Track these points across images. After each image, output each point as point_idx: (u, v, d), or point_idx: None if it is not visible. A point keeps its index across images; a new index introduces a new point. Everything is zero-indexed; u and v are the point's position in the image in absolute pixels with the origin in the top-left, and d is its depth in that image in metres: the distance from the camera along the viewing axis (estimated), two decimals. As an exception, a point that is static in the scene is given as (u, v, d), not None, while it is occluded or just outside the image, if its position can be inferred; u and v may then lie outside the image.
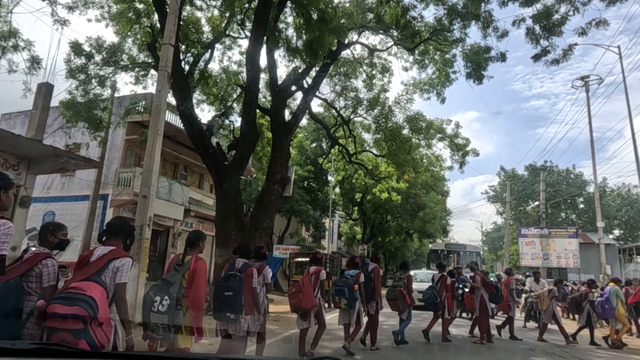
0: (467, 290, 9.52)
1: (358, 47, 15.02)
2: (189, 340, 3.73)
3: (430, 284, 9.26)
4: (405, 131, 16.36)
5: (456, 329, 9.89)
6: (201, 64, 12.94)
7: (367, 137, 19.06)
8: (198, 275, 3.70)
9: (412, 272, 11.47)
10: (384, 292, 8.07)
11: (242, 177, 18.46)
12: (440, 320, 8.74)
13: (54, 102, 12.95)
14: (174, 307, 3.47)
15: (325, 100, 15.75)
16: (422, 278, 15.40)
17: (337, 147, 17.87)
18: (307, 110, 14.55)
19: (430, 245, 35.43)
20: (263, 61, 12.06)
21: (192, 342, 3.85)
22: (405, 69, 15.71)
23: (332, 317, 8.24)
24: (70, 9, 11.09)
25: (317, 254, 6.85)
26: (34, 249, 3.19)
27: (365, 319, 7.29)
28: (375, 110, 16.06)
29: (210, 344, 5.90)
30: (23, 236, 10.29)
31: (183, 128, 12.08)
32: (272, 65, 12.10)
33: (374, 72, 15.69)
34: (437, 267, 9.82)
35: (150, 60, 12.42)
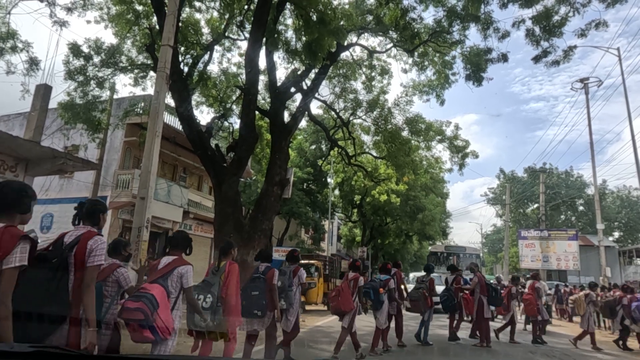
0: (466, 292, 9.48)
1: (357, 48, 15.01)
2: (227, 335, 4.41)
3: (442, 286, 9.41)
4: (405, 133, 16.33)
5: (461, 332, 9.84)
6: (200, 65, 12.92)
7: (367, 139, 19.05)
8: (231, 276, 4.54)
9: (412, 275, 11.50)
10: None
11: (241, 179, 18.41)
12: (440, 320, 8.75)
13: (53, 104, 12.91)
14: (215, 304, 4.19)
15: (324, 102, 15.72)
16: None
17: (336, 149, 17.84)
18: (307, 112, 14.51)
19: (429, 248, 35.41)
20: (262, 63, 12.04)
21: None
22: (405, 71, 15.70)
23: (330, 320, 8.18)
24: (69, 10, 11.06)
25: (356, 261, 7.34)
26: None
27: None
28: (375, 112, 16.03)
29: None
30: (20, 238, 10.24)
31: (182, 130, 12.04)
32: (271, 67, 12.07)
33: (373, 73, 15.67)
34: (450, 268, 10.04)
35: (149, 62, 12.39)
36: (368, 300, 7.18)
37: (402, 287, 8.29)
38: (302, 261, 16.08)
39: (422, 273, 9.47)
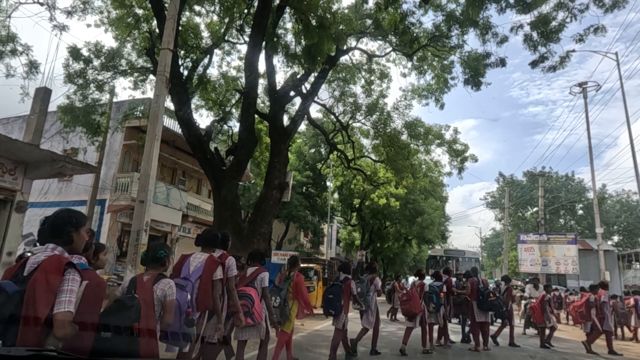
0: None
1: (357, 52, 15.08)
2: (290, 326, 5.81)
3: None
4: (404, 137, 16.36)
5: (455, 336, 9.81)
6: (200, 69, 12.95)
7: (366, 142, 19.09)
8: (300, 285, 5.76)
9: (410, 279, 11.58)
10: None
11: (240, 183, 18.41)
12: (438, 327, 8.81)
13: (52, 107, 12.91)
14: (282, 304, 5.59)
15: (323, 105, 15.76)
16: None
17: (335, 152, 17.86)
18: (306, 116, 14.54)
19: (429, 252, 35.39)
20: (262, 67, 12.08)
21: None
22: (404, 75, 15.76)
23: (329, 324, 8.16)
24: (69, 13, 11.09)
25: (421, 270, 8.75)
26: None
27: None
28: (374, 116, 16.07)
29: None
30: (19, 241, 10.20)
31: (181, 133, 12.06)
32: (270, 71, 12.10)
33: (372, 77, 15.73)
34: (504, 279, 10.80)
35: (148, 65, 12.42)
36: (431, 303, 8.22)
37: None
38: (302, 265, 16.13)
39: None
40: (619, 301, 13.25)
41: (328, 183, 28.32)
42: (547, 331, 9.91)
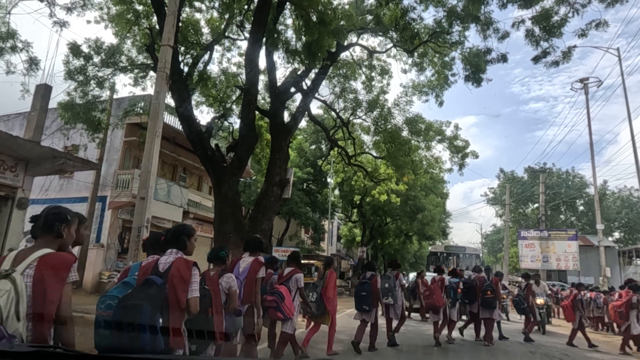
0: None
1: (357, 48, 15.02)
2: (328, 319, 6.60)
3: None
4: (405, 133, 16.34)
5: (456, 332, 9.84)
6: (200, 65, 12.91)
7: (367, 139, 19.05)
8: (331, 283, 6.71)
9: (411, 275, 11.66)
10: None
11: (241, 179, 18.40)
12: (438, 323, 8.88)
13: (53, 104, 12.91)
14: (319, 299, 6.49)
15: (324, 102, 15.73)
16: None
17: (336, 149, 17.84)
18: (306, 112, 14.51)
19: (429, 248, 35.38)
20: (262, 63, 12.04)
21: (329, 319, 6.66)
22: (405, 71, 15.69)
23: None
24: (69, 10, 11.04)
25: (441, 265, 9.46)
26: None
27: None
28: (375, 112, 16.03)
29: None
30: (21, 238, 10.23)
31: (182, 130, 12.05)
32: (271, 67, 12.07)
33: (373, 74, 15.68)
34: (523, 276, 11.14)
35: (149, 62, 12.39)
36: (448, 298, 8.79)
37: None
38: (302, 261, 16.15)
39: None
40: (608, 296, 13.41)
41: (329, 179, 28.32)
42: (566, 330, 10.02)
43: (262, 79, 13.57)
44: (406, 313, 9.08)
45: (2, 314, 1.83)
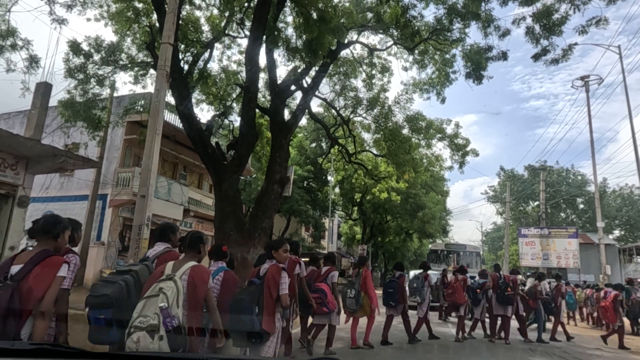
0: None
1: (358, 46, 14.97)
2: (367, 312, 7.48)
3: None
4: (405, 131, 16.31)
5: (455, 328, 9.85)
6: (200, 63, 12.88)
7: (367, 136, 19.02)
8: (368, 279, 7.55)
9: (412, 272, 11.75)
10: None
11: (242, 177, 18.41)
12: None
13: (53, 102, 12.91)
14: (358, 295, 7.29)
15: (324, 99, 15.69)
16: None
17: (336, 146, 17.81)
18: (307, 110, 14.49)
19: (430, 246, 35.41)
20: (262, 61, 12.02)
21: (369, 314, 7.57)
22: (405, 69, 15.64)
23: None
24: (69, 7, 11.03)
25: (463, 266, 10.10)
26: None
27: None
28: (375, 110, 16.00)
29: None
30: (21, 236, 10.24)
31: (182, 128, 12.03)
32: (271, 65, 12.04)
33: (373, 71, 15.64)
34: (555, 277, 11.19)
35: (149, 60, 12.37)
36: (468, 297, 9.45)
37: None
38: (303, 259, 16.15)
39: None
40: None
41: (329, 177, 28.31)
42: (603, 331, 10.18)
43: (263, 76, 13.55)
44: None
45: (169, 302, 2.69)
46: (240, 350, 3.91)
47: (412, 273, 20.96)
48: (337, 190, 31.06)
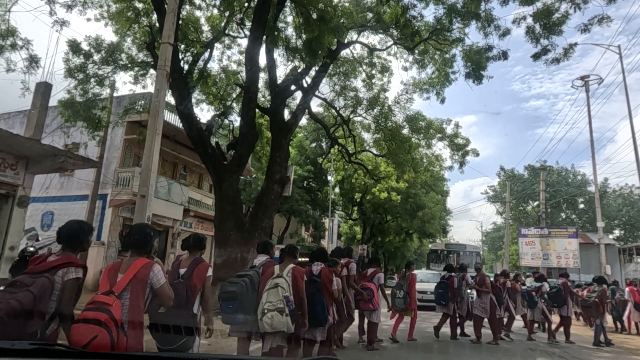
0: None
1: (358, 46, 14.99)
2: (411, 312, 8.18)
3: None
4: (405, 131, 16.32)
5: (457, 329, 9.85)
6: (200, 63, 12.89)
7: (367, 136, 19.04)
8: (412, 282, 8.30)
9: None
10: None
11: (242, 177, 18.41)
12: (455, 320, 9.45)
13: (53, 102, 12.89)
14: (406, 296, 8.03)
15: (324, 99, 15.70)
16: (421, 278, 15.38)
17: (336, 146, 17.82)
18: (307, 110, 14.50)
19: (430, 245, 35.39)
20: (262, 60, 12.03)
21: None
22: (405, 69, 15.67)
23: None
24: (69, 7, 11.03)
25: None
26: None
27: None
28: (375, 110, 16.01)
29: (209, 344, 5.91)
30: (21, 236, 10.24)
31: (182, 128, 12.04)
32: (271, 65, 12.05)
33: (373, 71, 15.65)
34: (597, 281, 10.92)
35: (149, 60, 12.37)
36: (524, 300, 9.90)
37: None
38: (302, 259, 16.12)
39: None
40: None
41: (329, 177, 28.31)
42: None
43: (263, 76, 13.56)
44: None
45: (287, 293, 4.05)
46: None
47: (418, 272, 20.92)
48: (337, 190, 31.06)
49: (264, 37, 10.72)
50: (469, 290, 9.50)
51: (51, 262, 2.65)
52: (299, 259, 6.82)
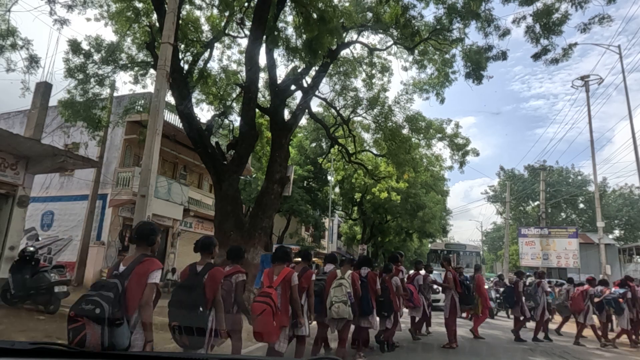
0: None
1: (358, 46, 14.98)
2: (479, 310, 9.27)
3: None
4: (405, 131, 16.30)
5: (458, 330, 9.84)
6: (200, 63, 12.89)
7: (367, 136, 19.02)
8: (479, 283, 9.29)
9: (412, 272, 11.66)
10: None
11: (242, 177, 18.41)
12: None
13: (53, 102, 12.91)
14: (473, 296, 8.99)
15: (324, 99, 15.69)
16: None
17: (336, 146, 17.82)
18: (307, 110, 14.49)
19: (430, 245, 35.43)
20: (262, 60, 12.02)
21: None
22: (405, 69, 15.64)
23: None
24: (70, 7, 11.03)
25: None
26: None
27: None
28: (375, 110, 16.00)
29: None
30: (21, 236, 10.24)
31: (182, 127, 12.04)
32: (271, 65, 12.05)
33: (373, 71, 15.64)
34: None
35: (149, 60, 12.37)
36: (611, 307, 9.66)
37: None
38: (297, 259, 16.16)
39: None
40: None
41: (329, 177, 28.30)
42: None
43: (263, 76, 13.55)
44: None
45: (349, 289, 5.76)
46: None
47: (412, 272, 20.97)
48: (337, 190, 31.04)
49: (264, 37, 10.72)
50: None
51: (228, 271, 4.47)
52: (295, 259, 6.87)
